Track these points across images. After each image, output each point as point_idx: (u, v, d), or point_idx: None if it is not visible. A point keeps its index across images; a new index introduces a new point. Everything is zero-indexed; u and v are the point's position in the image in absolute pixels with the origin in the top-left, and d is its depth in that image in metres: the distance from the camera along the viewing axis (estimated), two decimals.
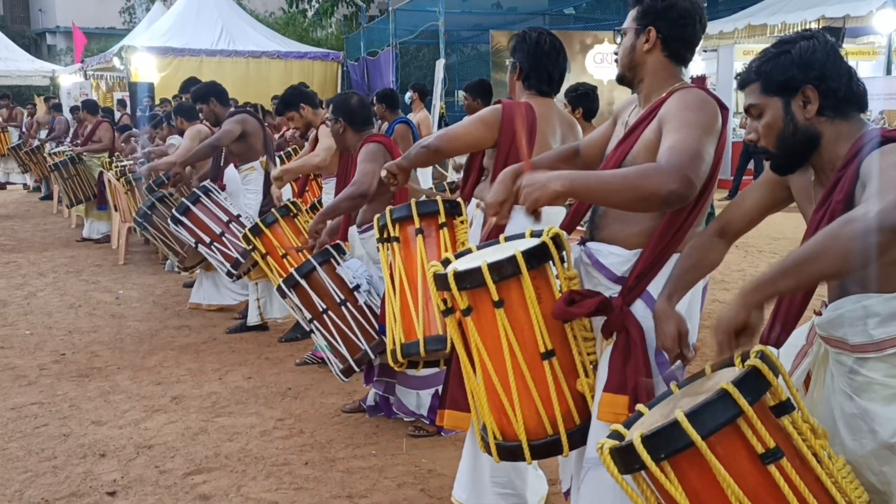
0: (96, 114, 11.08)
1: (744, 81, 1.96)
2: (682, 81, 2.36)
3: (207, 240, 5.73)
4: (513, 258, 2.14)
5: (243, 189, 6.10)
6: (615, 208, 2.28)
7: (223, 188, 6.14)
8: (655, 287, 2.28)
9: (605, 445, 1.64)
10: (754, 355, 1.61)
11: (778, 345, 1.95)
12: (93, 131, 10.73)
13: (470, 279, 2.15)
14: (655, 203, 2.04)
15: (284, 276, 4.34)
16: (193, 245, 5.86)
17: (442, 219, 3.19)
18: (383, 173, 3.22)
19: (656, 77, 2.36)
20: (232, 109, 6.22)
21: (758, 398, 1.55)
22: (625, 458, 1.58)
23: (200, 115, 6.60)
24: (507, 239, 2.45)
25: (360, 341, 3.97)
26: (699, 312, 2.43)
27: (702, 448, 1.50)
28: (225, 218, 5.79)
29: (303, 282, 4.03)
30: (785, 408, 1.60)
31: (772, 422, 1.58)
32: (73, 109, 12.38)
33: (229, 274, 5.81)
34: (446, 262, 2.35)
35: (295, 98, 5.54)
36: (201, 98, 6.41)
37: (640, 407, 1.82)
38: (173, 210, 5.92)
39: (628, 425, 1.76)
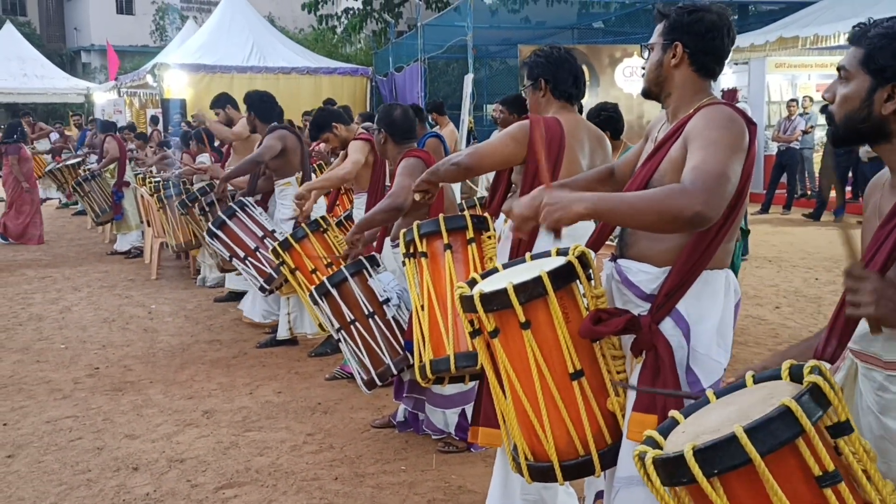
0: (105, 131, 11.35)
1: (854, 38, 1.86)
2: (710, 96, 2.33)
3: (242, 254, 5.80)
4: (539, 279, 2.12)
5: (279, 203, 6.14)
6: (640, 230, 2.26)
7: (259, 202, 6.19)
8: (685, 305, 2.26)
9: (646, 454, 1.57)
10: (808, 371, 1.54)
11: (833, 360, 1.89)
12: (101, 146, 11.06)
13: (496, 301, 2.14)
14: (680, 225, 2.02)
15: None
16: (228, 258, 5.94)
17: (470, 234, 3.20)
18: (417, 196, 3.23)
19: (684, 91, 2.34)
20: (273, 124, 6.25)
21: (819, 418, 1.49)
22: (671, 470, 1.52)
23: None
24: (534, 257, 2.44)
25: (385, 355, 3.98)
26: (732, 329, 2.40)
27: (759, 466, 1.44)
28: (259, 233, 5.85)
29: (333, 291, 4.05)
30: (843, 429, 1.53)
31: (828, 443, 1.52)
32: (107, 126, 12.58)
33: (262, 289, 5.86)
34: (472, 283, 2.34)
35: (326, 119, 5.54)
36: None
37: (674, 413, 1.76)
38: (209, 224, 6.01)
39: (663, 432, 1.70)
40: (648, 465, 1.55)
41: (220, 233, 5.84)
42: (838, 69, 1.87)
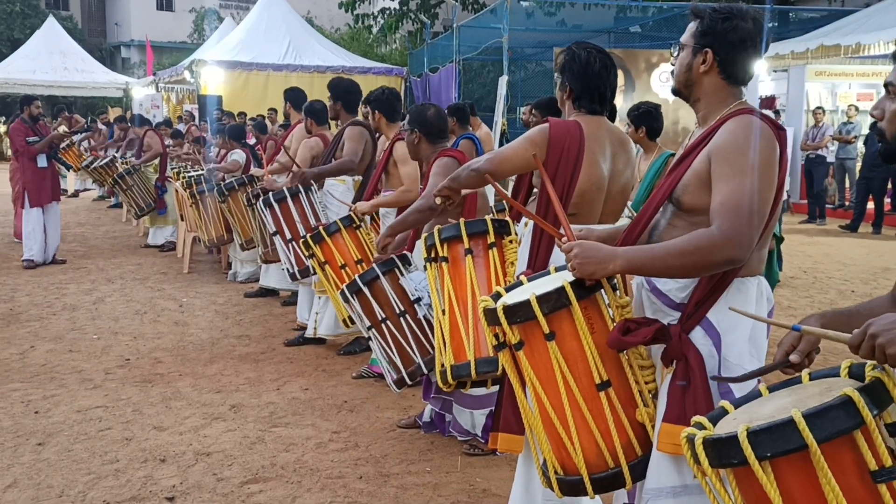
0: (143, 125, 11.57)
1: None
2: (738, 102, 2.28)
3: (288, 236, 5.76)
4: (562, 289, 2.10)
5: (326, 192, 6.01)
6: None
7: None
8: (715, 314, 2.22)
9: (695, 436, 1.54)
10: (871, 367, 1.51)
11: None
12: (142, 141, 11.17)
13: (520, 313, 2.12)
14: (715, 270, 2.10)
15: (340, 286, 4.37)
16: (272, 233, 5.89)
17: (491, 238, 3.18)
18: (438, 201, 3.20)
19: (712, 98, 2.30)
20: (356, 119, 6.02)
21: (881, 412, 1.46)
22: (722, 451, 1.49)
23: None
24: (557, 269, 2.42)
25: (415, 354, 3.97)
26: (766, 338, 2.36)
27: (815, 453, 1.41)
28: (313, 222, 5.75)
29: (365, 289, 4.05)
30: None
31: (886, 439, 1.48)
32: (140, 120, 12.70)
33: (292, 276, 5.87)
34: (497, 296, 2.33)
35: (378, 101, 5.41)
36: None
37: (723, 403, 1.74)
38: (269, 194, 5.86)
39: (712, 419, 1.67)
40: (698, 445, 1.52)
41: (276, 206, 5.74)
42: (886, 86, 1.82)
